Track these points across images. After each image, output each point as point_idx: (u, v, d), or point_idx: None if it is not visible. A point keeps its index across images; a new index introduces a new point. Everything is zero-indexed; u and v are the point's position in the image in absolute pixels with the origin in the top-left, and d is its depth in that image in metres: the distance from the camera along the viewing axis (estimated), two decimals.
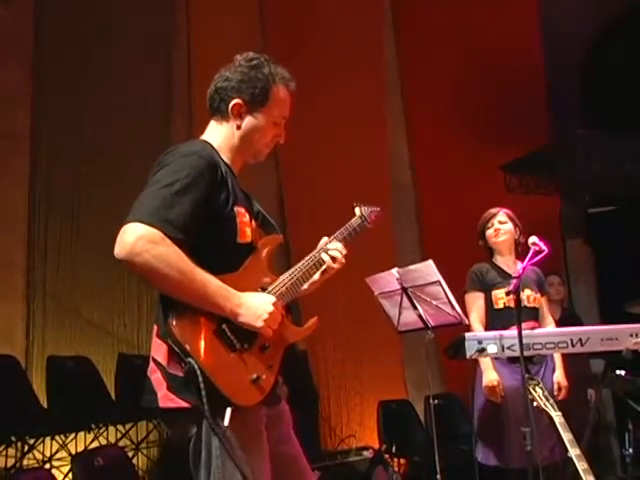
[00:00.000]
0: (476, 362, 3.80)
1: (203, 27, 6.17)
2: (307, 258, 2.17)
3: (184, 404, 1.80)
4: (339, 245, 2.24)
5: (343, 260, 2.23)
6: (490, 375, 3.76)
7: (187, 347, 1.78)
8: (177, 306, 1.81)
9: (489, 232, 4.04)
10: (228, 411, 1.80)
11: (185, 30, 6.20)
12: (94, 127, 5.69)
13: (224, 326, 1.85)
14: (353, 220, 2.38)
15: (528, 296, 3.92)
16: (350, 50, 6.62)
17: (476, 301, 3.95)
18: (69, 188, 5.65)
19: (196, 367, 1.75)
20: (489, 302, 3.92)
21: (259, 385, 1.87)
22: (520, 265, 3.90)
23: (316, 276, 2.23)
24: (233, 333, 1.86)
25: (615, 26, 7.48)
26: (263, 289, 1.99)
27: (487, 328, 3.80)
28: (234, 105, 2.06)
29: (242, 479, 1.81)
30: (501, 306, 3.83)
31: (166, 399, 1.84)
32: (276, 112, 2.09)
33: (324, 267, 2.20)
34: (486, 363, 3.79)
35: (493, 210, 4.08)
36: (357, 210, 2.42)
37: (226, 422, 1.79)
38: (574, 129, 7.15)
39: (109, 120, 5.72)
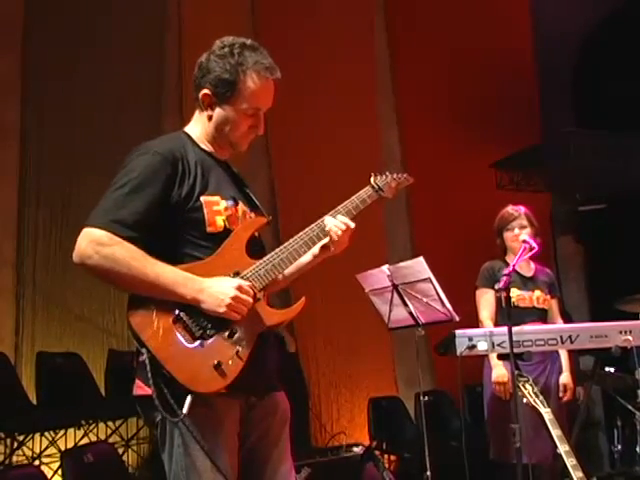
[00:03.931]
0: (470, 359, 3.80)
1: (195, 24, 6.13)
2: (297, 236, 2.08)
3: (150, 391, 1.82)
4: (340, 220, 2.11)
5: (341, 236, 2.09)
6: (500, 371, 3.77)
7: (142, 337, 1.81)
8: (135, 298, 1.85)
9: (508, 234, 4.00)
10: (188, 399, 1.79)
11: (176, 26, 6.18)
12: (85, 119, 5.65)
13: (181, 314, 1.85)
14: (362, 191, 2.24)
15: (538, 297, 3.95)
16: (341, 48, 6.61)
17: (487, 298, 3.96)
18: (59, 182, 5.61)
19: (145, 356, 1.79)
20: (499, 300, 3.92)
21: (221, 371, 1.84)
22: (533, 266, 3.95)
23: (315, 250, 2.15)
24: (192, 320, 1.85)
25: (606, 25, 7.51)
26: (237, 273, 1.94)
27: (497, 325, 3.80)
28: (203, 95, 2.04)
29: (211, 466, 1.83)
30: (511, 304, 3.83)
31: (138, 387, 1.89)
32: (245, 104, 2.01)
33: (322, 242, 2.12)
34: (496, 359, 3.80)
35: (514, 212, 4.02)
36: (372, 179, 2.28)
37: (185, 409, 1.78)
38: (565, 127, 7.17)
39: (100, 113, 5.69)
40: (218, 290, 1.86)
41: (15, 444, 4.47)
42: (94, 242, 1.82)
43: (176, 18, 6.19)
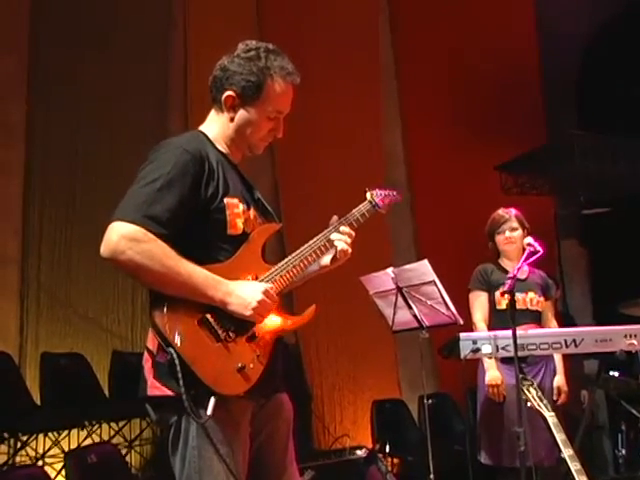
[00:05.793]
0: (474, 362, 3.80)
1: (200, 23, 6.15)
2: (307, 245, 2.11)
3: (168, 392, 1.82)
4: (344, 234, 2.16)
5: (349, 250, 2.16)
6: (493, 374, 3.76)
7: (168, 337, 1.79)
8: (161, 297, 1.83)
9: (500, 237, 4.00)
10: (212, 400, 1.79)
11: (182, 26, 6.19)
12: (90, 119, 5.66)
13: (208, 316, 1.85)
14: (361, 205, 2.29)
15: (532, 299, 3.93)
16: (345, 50, 6.61)
17: (480, 300, 3.95)
18: (64, 182, 5.62)
19: (174, 356, 1.77)
20: (492, 302, 3.92)
21: (244, 374, 1.86)
22: (526, 268, 3.93)
23: (327, 261, 2.18)
24: (218, 323, 1.86)
25: (611, 26, 7.49)
26: (256, 277, 1.97)
27: (490, 328, 3.80)
28: (227, 97, 2.04)
29: (226, 470, 1.82)
30: (504, 307, 3.79)
31: (153, 387, 1.86)
32: (270, 107, 2.04)
33: (331, 254, 2.15)
34: (490, 362, 3.79)
35: (504, 214, 4.01)
36: (368, 195, 2.33)
37: (209, 411, 1.79)
38: (570, 129, 7.16)
39: (105, 113, 5.69)
40: (246, 293, 1.89)
41: (19, 444, 4.47)
42: (127, 237, 1.78)
43: (181, 18, 6.21)
